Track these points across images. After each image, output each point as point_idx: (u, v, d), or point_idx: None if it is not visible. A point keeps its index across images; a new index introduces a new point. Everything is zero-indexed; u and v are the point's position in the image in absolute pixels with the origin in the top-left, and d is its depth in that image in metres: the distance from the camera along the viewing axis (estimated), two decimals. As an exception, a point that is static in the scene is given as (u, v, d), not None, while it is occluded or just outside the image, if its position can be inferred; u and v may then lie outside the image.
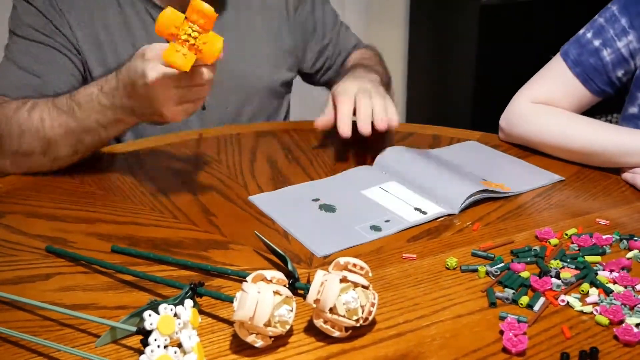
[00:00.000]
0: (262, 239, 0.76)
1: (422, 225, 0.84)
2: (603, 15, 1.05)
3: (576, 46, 1.06)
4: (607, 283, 0.71)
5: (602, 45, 1.03)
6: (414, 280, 0.72)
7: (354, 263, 0.63)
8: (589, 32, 1.05)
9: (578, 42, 1.06)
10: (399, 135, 1.14)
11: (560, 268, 0.73)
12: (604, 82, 1.05)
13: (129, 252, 0.78)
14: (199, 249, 0.79)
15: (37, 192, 0.93)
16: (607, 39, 1.03)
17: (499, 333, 0.63)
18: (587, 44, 1.05)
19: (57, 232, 0.83)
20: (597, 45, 1.04)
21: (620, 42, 1.02)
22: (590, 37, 1.05)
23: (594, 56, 1.04)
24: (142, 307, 0.64)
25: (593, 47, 1.04)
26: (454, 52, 2.34)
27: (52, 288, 0.71)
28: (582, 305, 0.67)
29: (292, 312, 0.62)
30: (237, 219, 0.87)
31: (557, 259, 0.75)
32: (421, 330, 0.64)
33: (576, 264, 0.74)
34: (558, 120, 1.02)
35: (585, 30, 1.07)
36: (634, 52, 1.02)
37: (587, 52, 1.04)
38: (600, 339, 0.63)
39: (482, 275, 0.73)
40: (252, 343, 0.60)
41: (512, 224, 0.84)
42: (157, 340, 0.55)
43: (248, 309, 0.58)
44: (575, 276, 0.71)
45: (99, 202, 0.91)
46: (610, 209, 0.88)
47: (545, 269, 0.73)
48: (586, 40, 1.05)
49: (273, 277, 0.62)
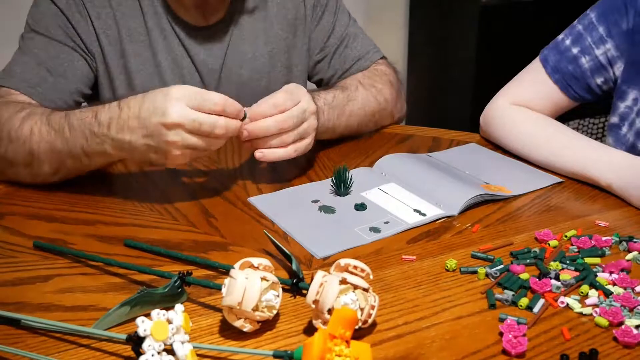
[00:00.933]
0: (270, 237, 0.77)
1: (422, 227, 0.84)
2: (582, 23, 1.05)
3: (555, 52, 1.06)
4: (607, 285, 0.71)
5: (580, 52, 1.04)
6: (413, 281, 0.72)
7: (354, 265, 0.63)
8: (568, 38, 1.06)
9: (557, 48, 1.06)
10: (398, 137, 1.14)
11: (560, 270, 0.73)
12: (583, 88, 1.05)
13: (140, 246, 0.79)
14: (199, 250, 0.79)
15: (37, 194, 0.93)
16: (585, 47, 1.03)
17: (498, 335, 0.63)
18: (565, 51, 1.05)
19: (57, 234, 0.83)
20: (576, 53, 1.04)
21: (598, 49, 1.02)
22: (569, 44, 1.05)
23: (573, 63, 1.04)
24: (133, 296, 0.65)
25: (572, 54, 1.04)
26: (454, 53, 2.34)
27: (52, 290, 0.71)
28: (581, 307, 0.67)
29: (279, 298, 0.64)
30: (236, 221, 0.87)
31: (557, 260, 0.75)
32: (421, 331, 0.64)
33: (575, 265, 0.74)
34: (529, 127, 1.03)
35: (564, 36, 1.07)
36: (612, 60, 1.02)
37: (565, 59, 1.05)
38: (600, 341, 0.63)
39: (482, 277, 0.73)
40: (241, 327, 0.62)
41: (511, 225, 0.84)
42: (152, 346, 0.55)
43: (236, 294, 0.60)
44: (575, 278, 0.71)
45: (99, 203, 0.91)
46: (610, 211, 0.88)
47: (544, 270, 0.72)
48: (565, 47, 1.05)
49: (260, 264, 0.64)
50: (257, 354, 0.60)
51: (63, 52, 1.04)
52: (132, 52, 1.08)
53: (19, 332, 0.64)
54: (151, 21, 1.08)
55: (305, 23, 1.19)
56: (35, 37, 1.04)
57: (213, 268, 0.75)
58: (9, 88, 1.00)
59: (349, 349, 0.57)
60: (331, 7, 1.22)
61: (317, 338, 0.54)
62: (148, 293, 0.66)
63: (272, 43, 1.17)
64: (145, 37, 1.09)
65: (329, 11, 1.21)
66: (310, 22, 1.20)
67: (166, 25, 1.09)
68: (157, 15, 1.09)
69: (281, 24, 1.17)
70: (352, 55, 1.22)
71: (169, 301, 0.66)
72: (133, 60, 1.09)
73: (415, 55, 2.52)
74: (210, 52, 1.12)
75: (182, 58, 1.11)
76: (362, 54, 1.22)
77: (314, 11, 1.20)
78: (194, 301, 0.69)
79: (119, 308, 0.64)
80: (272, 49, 1.17)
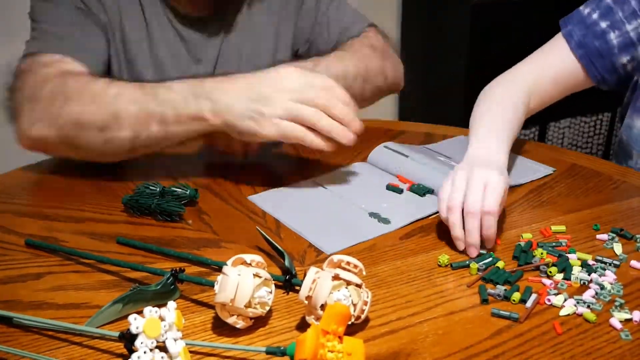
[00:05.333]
0: (263, 234, 0.77)
1: (415, 223, 0.84)
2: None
3: (581, 27, 0.99)
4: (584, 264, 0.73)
5: (609, 27, 0.98)
6: (406, 277, 0.73)
7: (347, 261, 0.63)
8: (595, 12, 0.99)
9: (583, 22, 1.00)
10: (391, 133, 1.15)
11: (541, 258, 0.75)
12: (606, 68, 1.00)
13: (133, 244, 0.79)
14: (192, 247, 0.79)
15: (27, 191, 0.93)
16: (615, 21, 0.97)
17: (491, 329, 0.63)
18: (592, 25, 0.98)
19: (48, 231, 0.82)
20: (604, 27, 0.98)
21: (630, 24, 0.97)
22: (597, 18, 0.98)
23: (600, 39, 0.98)
24: (126, 293, 0.65)
25: (600, 29, 0.98)
26: (446, 51, 2.34)
27: (44, 287, 0.71)
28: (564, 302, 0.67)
29: (272, 294, 0.64)
30: (229, 218, 0.86)
31: (540, 247, 0.77)
32: (414, 327, 0.64)
33: (558, 251, 0.76)
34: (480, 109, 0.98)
35: (590, 9, 1.00)
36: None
37: (592, 34, 0.98)
38: (591, 335, 0.63)
39: (474, 272, 0.73)
40: (234, 324, 0.62)
41: (501, 220, 0.84)
42: (144, 343, 0.55)
43: (229, 291, 0.60)
44: (556, 263, 0.73)
45: (90, 200, 0.91)
46: (602, 205, 0.88)
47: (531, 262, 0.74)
48: (592, 21, 0.99)
49: (252, 260, 0.64)
50: (250, 350, 0.60)
51: (87, 24, 1.02)
52: (132, 39, 1.08)
53: (10, 330, 0.64)
54: (149, 10, 1.08)
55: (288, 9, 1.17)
56: (54, 10, 1.01)
57: (206, 265, 0.75)
58: (52, 54, 0.97)
59: (341, 344, 0.57)
60: None
61: (310, 334, 0.54)
62: (140, 290, 0.65)
63: (260, 31, 1.16)
64: (143, 26, 1.09)
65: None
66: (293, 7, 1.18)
67: (163, 17, 1.09)
68: (155, 6, 1.09)
69: (267, 10, 1.16)
70: (336, 29, 1.18)
71: (161, 298, 0.66)
72: (134, 48, 1.08)
73: (407, 53, 2.52)
74: (206, 43, 1.12)
75: (179, 48, 1.11)
76: (348, 24, 1.18)
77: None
78: (186, 298, 0.69)
79: (112, 305, 0.64)
80: (259, 36, 1.16)
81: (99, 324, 0.64)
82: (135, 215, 0.86)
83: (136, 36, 1.09)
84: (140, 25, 1.09)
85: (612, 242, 0.78)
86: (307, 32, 1.20)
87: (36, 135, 0.91)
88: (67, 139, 0.90)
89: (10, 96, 0.95)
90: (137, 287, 0.66)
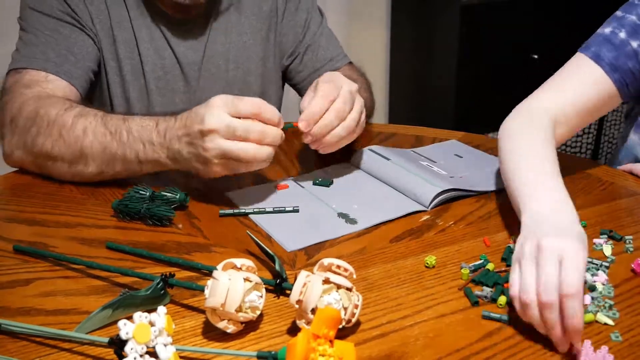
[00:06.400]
0: (254, 238, 0.77)
1: (405, 225, 0.84)
2: (635, 12, 0.93)
3: (609, 48, 0.92)
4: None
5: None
6: (397, 280, 0.73)
7: (337, 264, 0.63)
8: (621, 31, 0.93)
9: (610, 42, 0.93)
10: (382, 135, 1.15)
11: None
12: (637, 87, 0.93)
13: (122, 249, 0.78)
14: (182, 252, 0.79)
15: (17, 197, 0.92)
16: None
17: (481, 332, 0.63)
18: (623, 46, 0.92)
19: (38, 237, 0.82)
20: (636, 47, 0.91)
21: None
22: (625, 38, 0.92)
23: (633, 59, 0.92)
24: (115, 299, 0.64)
25: (631, 48, 0.92)
26: (435, 52, 2.35)
27: (33, 293, 0.71)
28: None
29: (262, 298, 0.64)
30: (219, 222, 0.86)
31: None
32: (405, 330, 0.64)
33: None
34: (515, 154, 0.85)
35: (612, 29, 0.94)
36: None
37: (624, 55, 0.92)
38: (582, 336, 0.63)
39: (466, 277, 0.73)
40: (224, 329, 0.62)
41: (492, 222, 0.85)
42: (134, 349, 0.54)
43: (219, 295, 0.60)
44: None
45: (80, 206, 0.90)
46: (591, 207, 0.88)
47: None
48: (621, 42, 0.92)
49: (243, 265, 0.64)
50: (241, 355, 0.60)
51: (73, 32, 1.04)
52: (120, 39, 1.09)
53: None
54: (133, 11, 1.08)
55: (278, 16, 1.20)
56: (42, 18, 1.03)
57: (196, 269, 0.75)
58: (36, 70, 0.99)
59: (332, 348, 0.57)
60: (305, 4, 1.22)
61: (300, 338, 0.54)
62: (130, 295, 0.65)
63: (248, 34, 1.17)
64: (129, 26, 1.09)
65: (302, 8, 1.22)
66: (283, 16, 1.20)
67: (147, 18, 1.10)
68: (139, 7, 1.09)
69: (256, 16, 1.18)
70: (324, 56, 1.22)
71: (151, 303, 0.66)
72: (122, 48, 1.09)
73: (396, 55, 2.53)
74: (191, 45, 1.12)
75: (163, 50, 1.11)
76: (334, 55, 1.23)
77: (286, 5, 1.20)
78: (177, 303, 0.69)
79: (101, 311, 0.64)
80: (247, 40, 1.17)
81: (89, 330, 0.63)
82: (125, 220, 0.86)
83: (124, 39, 1.09)
84: (127, 29, 1.09)
85: (602, 243, 0.78)
86: (290, 45, 1.22)
87: (16, 159, 0.97)
88: (41, 168, 0.96)
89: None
90: (127, 292, 0.66)
